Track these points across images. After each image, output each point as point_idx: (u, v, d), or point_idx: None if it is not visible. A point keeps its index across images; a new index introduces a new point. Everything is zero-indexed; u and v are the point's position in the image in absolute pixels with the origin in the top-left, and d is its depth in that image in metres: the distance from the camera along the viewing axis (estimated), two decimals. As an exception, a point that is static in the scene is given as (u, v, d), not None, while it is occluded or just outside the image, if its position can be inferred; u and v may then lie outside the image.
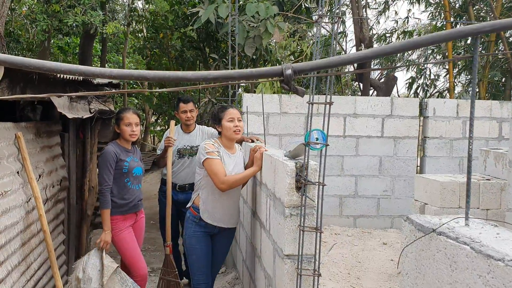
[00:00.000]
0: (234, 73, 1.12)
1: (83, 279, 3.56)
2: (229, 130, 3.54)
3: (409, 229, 1.23)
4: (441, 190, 4.24)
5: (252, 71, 1.13)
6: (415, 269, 1.20)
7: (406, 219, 1.27)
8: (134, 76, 1.12)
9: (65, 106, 3.67)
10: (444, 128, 6.45)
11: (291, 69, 1.10)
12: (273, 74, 1.13)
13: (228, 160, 3.54)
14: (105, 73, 1.13)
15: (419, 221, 1.20)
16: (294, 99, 6.23)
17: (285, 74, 1.10)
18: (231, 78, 1.12)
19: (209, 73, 1.12)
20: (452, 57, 8.38)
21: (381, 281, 4.63)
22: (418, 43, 1.12)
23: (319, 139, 2.63)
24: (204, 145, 3.51)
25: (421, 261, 1.17)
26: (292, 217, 2.72)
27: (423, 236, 1.15)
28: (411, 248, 1.22)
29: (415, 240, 1.19)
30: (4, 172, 2.85)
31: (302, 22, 8.49)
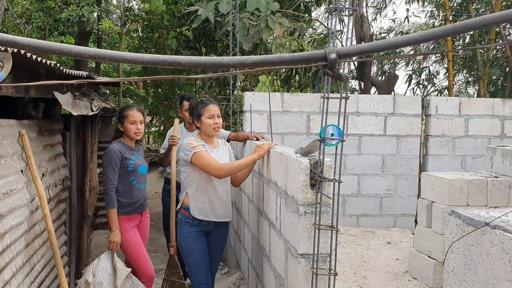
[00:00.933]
0: (274, 58, 1.05)
1: (93, 282, 3.47)
2: (209, 127, 3.53)
3: (456, 223, 1.17)
4: (449, 188, 4.19)
5: (294, 56, 1.06)
6: (463, 265, 1.14)
7: (452, 213, 1.21)
8: (168, 62, 1.05)
9: (69, 103, 3.58)
10: (446, 126, 6.42)
11: (335, 53, 1.03)
12: (316, 59, 1.06)
13: (211, 154, 3.50)
14: (137, 59, 1.05)
15: (468, 214, 1.14)
16: (296, 98, 6.17)
17: (329, 59, 1.03)
18: (271, 63, 1.05)
19: (247, 58, 1.05)
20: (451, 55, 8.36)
21: (388, 280, 4.58)
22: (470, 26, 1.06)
23: (335, 135, 2.56)
24: (188, 142, 3.48)
25: (471, 256, 1.11)
26: (307, 215, 2.65)
27: (474, 231, 1.09)
28: (458, 243, 1.16)
29: (464, 235, 1.13)
30: (8, 170, 2.77)
31: (301, 20, 8.44)
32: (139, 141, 4.13)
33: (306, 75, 8.16)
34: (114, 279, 3.60)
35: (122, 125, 3.85)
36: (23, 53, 2.17)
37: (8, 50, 1.96)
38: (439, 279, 4.31)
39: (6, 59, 2.07)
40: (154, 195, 9.92)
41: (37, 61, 2.45)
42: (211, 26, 7.82)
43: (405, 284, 4.44)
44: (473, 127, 6.43)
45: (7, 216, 2.67)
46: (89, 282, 3.53)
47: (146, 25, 11.84)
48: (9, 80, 2.69)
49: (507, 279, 0.98)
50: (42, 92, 3.26)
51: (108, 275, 3.59)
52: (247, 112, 5.89)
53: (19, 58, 2.31)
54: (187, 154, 3.44)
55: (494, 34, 8.54)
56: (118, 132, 3.91)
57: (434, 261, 4.30)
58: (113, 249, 3.71)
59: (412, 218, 6.36)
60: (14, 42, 1.00)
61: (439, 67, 11.44)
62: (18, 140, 3.00)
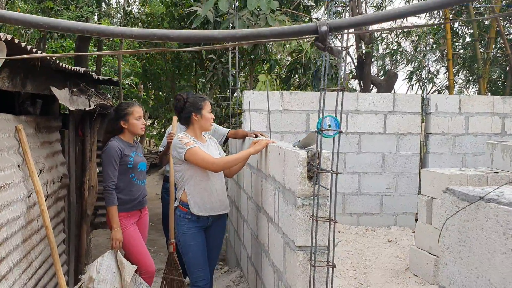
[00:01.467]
0: (265, 31, 1.03)
1: (98, 279, 3.44)
2: (208, 121, 3.61)
3: (450, 200, 1.15)
4: (449, 183, 4.17)
5: (284, 29, 1.05)
6: (458, 242, 1.12)
7: (446, 190, 1.19)
8: (157, 36, 1.03)
9: (66, 99, 3.57)
10: (446, 124, 6.40)
11: (326, 25, 1.02)
12: (307, 32, 1.05)
13: (203, 149, 3.51)
14: (125, 32, 1.04)
15: (463, 190, 1.12)
16: (295, 96, 6.16)
17: (320, 31, 1.02)
18: (262, 36, 1.04)
19: (237, 31, 1.04)
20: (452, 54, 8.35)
21: (388, 277, 4.55)
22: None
23: (332, 126, 2.55)
24: (179, 139, 3.47)
25: (466, 232, 1.09)
26: (304, 207, 2.63)
27: (468, 206, 1.07)
28: (453, 220, 1.14)
29: (458, 211, 1.11)
30: (5, 164, 2.76)
31: (300, 20, 8.45)
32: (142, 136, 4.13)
33: (306, 75, 8.16)
34: (118, 277, 3.57)
35: (126, 122, 3.83)
36: (17, 41, 2.16)
37: (1, 39, 1.95)
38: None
39: (0, 49, 2.07)
40: (155, 196, 9.91)
41: (32, 51, 2.44)
42: (210, 27, 7.82)
43: (406, 281, 4.41)
44: (473, 125, 6.41)
45: (3, 210, 2.66)
46: (93, 278, 3.50)
47: (146, 27, 11.86)
48: (4, 74, 2.69)
49: (502, 252, 0.97)
50: (39, 88, 3.25)
51: (112, 273, 3.57)
52: (246, 111, 5.88)
53: (14, 49, 2.30)
54: (179, 152, 3.43)
55: (495, 33, 8.53)
56: (117, 130, 3.89)
57: (435, 258, 4.27)
58: (116, 247, 3.69)
59: (412, 217, 6.33)
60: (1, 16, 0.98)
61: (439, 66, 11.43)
62: (14, 135, 2.99)
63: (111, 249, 3.71)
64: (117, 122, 3.84)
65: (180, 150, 3.42)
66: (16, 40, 2.10)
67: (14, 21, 1.00)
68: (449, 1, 1.03)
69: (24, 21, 0.99)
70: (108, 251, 3.69)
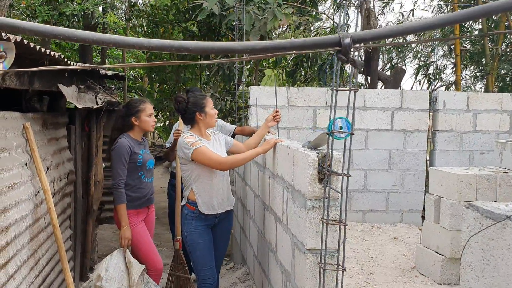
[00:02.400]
0: (286, 43, 1.00)
1: (106, 277, 3.43)
2: (213, 117, 3.60)
3: (473, 216, 1.12)
4: (457, 183, 4.14)
5: (306, 41, 1.01)
6: (481, 260, 1.09)
7: (469, 206, 1.16)
8: (175, 47, 1.00)
9: (73, 96, 3.55)
10: (454, 121, 6.35)
11: (349, 37, 0.98)
12: (329, 44, 1.01)
13: (209, 147, 3.49)
14: (143, 43, 1.01)
15: (487, 207, 1.09)
16: (302, 92, 6.11)
17: (343, 44, 0.99)
18: (282, 49, 1.01)
19: (257, 43, 1.00)
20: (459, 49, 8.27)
21: (395, 276, 4.53)
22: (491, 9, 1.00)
23: (343, 127, 2.51)
24: (185, 139, 3.44)
25: (491, 251, 1.06)
26: (314, 210, 2.60)
27: (494, 224, 1.04)
28: (476, 237, 1.11)
29: (482, 229, 1.08)
30: (12, 163, 2.73)
31: (306, 14, 8.38)
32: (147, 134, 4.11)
33: (312, 68, 8.10)
34: (126, 276, 3.57)
35: (137, 119, 3.80)
36: (27, 43, 2.13)
37: (11, 39, 1.92)
38: (447, 275, 4.26)
39: (9, 49, 2.03)
40: (159, 190, 9.91)
41: (41, 51, 2.41)
42: (216, 20, 7.76)
43: (412, 280, 4.40)
44: (481, 122, 6.35)
45: (11, 210, 2.64)
46: (101, 277, 3.50)
47: (151, 20, 11.79)
48: (12, 72, 2.66)
49: (530, 275, 0.94)
50: (46, 85, 3.22)
51: (120, 271, 3.56)
52: (252, 107, 5.84)
53: (23, 49, 2.27)
54: (186, 152, 3.40)
55: (504, 28, 8.44)
56: (127, 126, 3.85)
57: (442, 257, 4.25)
58: (125, 246, 3.68)
59: (418, 214, 6.31)
60: (14, 26, 0.95)
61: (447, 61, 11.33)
62: (22, 133, 2.97)
63: (119, 247, 3.70)
64: (128, 119, 3.80)
65: (186, 150, 3.40)
66: (25, 40, 2.08)
67: (28, 32, 0.97)
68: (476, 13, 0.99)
69: (38, 31, 0.96)
70: (117, 249, 3.68)
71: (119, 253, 3.63)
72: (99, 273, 3.47)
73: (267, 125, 3.83)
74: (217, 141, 3.70)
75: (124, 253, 3.63)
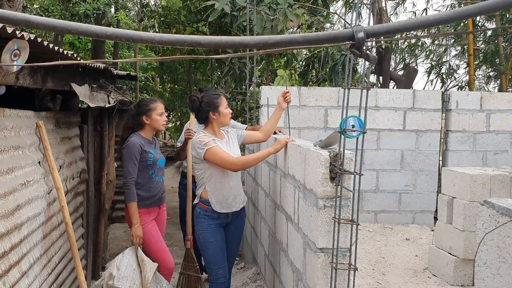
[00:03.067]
0: (299, 37, 0.99)
1: (118, 276, 3.45)
2: (227, 116, 3.59)
3: (489, 213, 1.11)
4: (471, 183, 4.09)
5: (319, 35, 1.01)
6: (497, 258, 1.07)
7: (485, 202, 1.14)
8: (187, 42, 1.00)
9: (86, 95, 3.57)
10: (467, 121, 6.28)
11: (363, 31, 0.97)
12: (342, 38, 1.01)
13: (222, 147, 3.49)
14: (154, 38, 1.01)
15: (503, 204, 1.08)
16: (314, 92, 6.09)
17: (357, 38, 0.98)
18: (295, 43, 1.00)
19: (270, 38, 1.00)
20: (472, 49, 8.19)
21: (407, 277, 4.50)
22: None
23: (356, 126, 2.50)
24: (198, 139, 3.45)
25: (506, 249, 1.04)
26: (326, 209, 2.59)
27: (510, 221, 1.02)
28: (492, 235, 1.09)
29: (498, 226, 1.06)
30: (26, 161, 2.76)
31: (318, 14, 8.35)
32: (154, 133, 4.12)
33: (323, 69, 8.07)
34: (138, 274, 3.58)
35: (148, 118, 3.82)
36: (40, 41, 2.14)
37: (24, 38, 1.94)
38: (460, 276, 4.22)
39: (23, 47, 2.05)
40: (171, 190, 9.94)
41: (54, 50, 2.43)
42: (227, 21, 7.77)
43: (425, 281, 4.35)
44: (494, 122, 6.28)
45: (24, 207, 2.67)
46: (113, 275, 3.51)
47: (163, 21, 11.85)
48: (26, 71, 2.69)
49: (548, 272, 0.92)
50: (59, 84, 3.25)
51: (132, 270, 3.57)
52: (264, 107, 5.83)
53: (36, 47, 2.29)
54: (199, 152, 3.41)
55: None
56: (138, 125, 3.87)
57: (455, 258, 4.21)
58: (136, 244, 3.69)
59: (431, 215, 6.26)
60: (27, 21, 0.96)
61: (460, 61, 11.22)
62: (35, 131, 3.00)
63: (131, 245, 3.71)
64: (139, 118, 3.82)
65: (199, 150, 3.41)
66: (38, 39, 2.09)
67: (42, 27, 0.97)
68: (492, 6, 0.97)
69: (51, 26, 0.97)
70: (129, 248, 3.69)
71: (131, 251, 3.65)
72: (111, 271, 3.48)
73: (281, 106, 3.77)
74: (230, 140, 3.70)
75: (136, 252, 3.64)
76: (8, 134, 2.53)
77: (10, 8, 6.00)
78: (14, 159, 2.59)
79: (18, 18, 0.96)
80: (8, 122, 2.56)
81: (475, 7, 0.97)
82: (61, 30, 0.98)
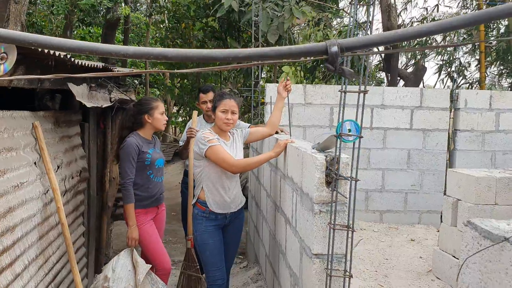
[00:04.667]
0: (269, 51, 0.95)
1: (113, 277, 3.45)
2: (220, 120, 3.50)
3: (472, 235, 1.05)
4: (476, 185, 4.00)
5: (291, 48, 0.96)
6: (479, 282, 1.02)
7: (468, 223, 1.09)
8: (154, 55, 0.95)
9: (84, 95, 3.55)
10: (476, 121, 6.16)
11: (337, 45, 0.92)
12: (315, 52, 0.96)
13: (225, 148, 3.45)
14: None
15: (485, 226, 1.02)
16: (319, 90, 6.02)
17: (330, 52, 0.93)
18: (266, 57, 0.96)
19: (241, 51, 0.95)
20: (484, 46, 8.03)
21: (410, 279, 4.43)
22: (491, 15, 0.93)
23: (352, 130, 2.44)
24: (203, 135, 3.42)
25: (488, 274, 0.99)
26: (322, 214, 2.54)
27: (492, 246, 0.97)
28: (474, 258, 1.04)
29: (479, 250, 1.01)
30: (20, 163, 2.74)
31: (327, 10, 8.25)
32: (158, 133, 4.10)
33: (331, 66, 7.97)
34: (133, 275, 3.57)
35: (151, 116, 3.80)
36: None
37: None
38: (464, 280, 4.15)
39: (11, 50, 2.02)
40: (177, 186, 9.93)
41: (44, 52, 2.40)
42: (235, 16, 7.72)
43: (428, 284, 4.29)
44: (504, 122, 6.16)
45: (17, 209, 2.66)
46: (108, 277, 3.51)
47: (172, 16, 11.83)
48: (21, 72, 2.66)
49: (527, 304, 0.87)
50: (56, 84, 3.23)
51: (127, 271, 3.56)
52: (268, 104, 5.78)
53: (27, 49, 2.26)
54: (201, 147, 3.38)
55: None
56: (138, 124, 3.85)
57: (459, 261, 4.13)
58: (132, 246, 3.68)
59: (438, 215, 6.16)
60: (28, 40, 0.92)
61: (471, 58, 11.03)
62: (31, 131, 2.98)
63: (127, 247, 3.70)
64: (140, 116, 3.80)
65: (202, 146, 3.38)
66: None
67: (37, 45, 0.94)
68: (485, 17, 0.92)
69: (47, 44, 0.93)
70: (124, 249, 3.69)
71: (126, 253, 3.64)
72: (106, 274, 3.48)
73: (281, 95, 3.75)
74: (235, 142, 3.65)
75: (131, 253, 3.63)
76: (1, 136, 2.52)
77: (16, 4, 6.00)
78: (6, 161, 2.57)
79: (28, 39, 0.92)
80: (0, 124, 2.54)
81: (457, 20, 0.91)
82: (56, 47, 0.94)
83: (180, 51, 0.97)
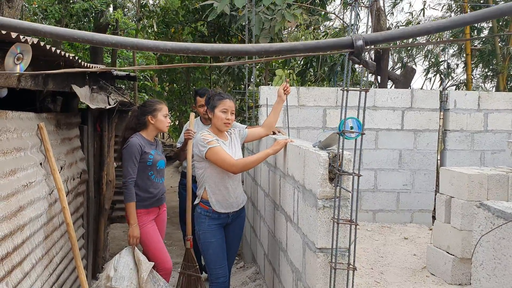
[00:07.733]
0: (298, 45, 1.02)
1: (115, 277, 3.47)
2: (220, 120, 3.54)
3: (485, 216, 1.13)
4: (468, 183, 4.13)
5: (319, 43, 1.03)
6: (492, 259, 1.10)
7: (480, 205, 1.17)
8: (191, 50, 1.03)
9: (87, 97, 3.59)
10: (465, 121, 6.32)
11: (362, 39, 1.00)
12: (342, 45, 1.03)
13: (225, 148, 3.51)
14: (159, 46, 1.03)
15: (498, 207, 1.10)
16: (312, 92, 6.12)
17: (356, 45, 1.01)
18: (296, 51, 1.03)
19: (271, 46, 1.03)
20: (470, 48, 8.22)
21: (405, 276, 4.53)
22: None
23: (354, 127, 2.53)
24: (202, 137, 3.47)
25: (502, 250, 1.07)
26: (325, 209, 2.62)
27: (505, 224, 1.05)
28: (488, 236, 1.12)
29: (493, 228, 1.09)
30: (28, 163, 2.78)
31: (316, 13, 8.38)
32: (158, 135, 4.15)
33: (322, 69, 8.10)
34: (135, 274, 3.60)
35: (154, 118, 3.85)
36: (43, 45, 2.17)
37: (28, 42, 1.96)
38: (458, 275, 4.26)
39: (26, 51, 2.08)
40: (170, 189, 9.96)
41: (56, 53, 2.45)
42: (226, 21, 7.80)
43: (423, 280, 4.39)
44: (492, 122, 6.32)
45: (26, 208, 2.69)
46: (110, 277, 3.54)
47: (162, 20, 11.86)
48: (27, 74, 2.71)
49: (541, 273, 0.95)
50: (60, 85, 3.27)
51: (129, 269, 3.59)
52: (263, 107, 5.86)
53: (39, 51, 2.31)
54: (201, 149, 3.43)
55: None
56: (141, 125, 3.89)
57: (453, 257, 4.24)
58: (133, 244, 3.72)
59: (429, 214, 6.30)
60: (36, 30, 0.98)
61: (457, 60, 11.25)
62: (36, 133, 3.02)
63: (128, 245, 3.74)
64: (144, 117, 3.85)
65: (202, 148, 3.43)
66: (41, 43, 2.12)
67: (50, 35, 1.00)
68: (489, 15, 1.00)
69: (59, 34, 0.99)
70: (126, 248, 3.72)
71: (128, 251, 3.67)
72: (108, 273, 3.51)
73: (281, 98, 3.83)
74: (233, 142, 3.72)
75: (133, 251, 3.67)
76: (11, 136, 2.56)
77: (10, 8, 6.01)
78: (16, 160, 2.61)
79: (25, 27, 0.99)
80: (10, 124, 2.58)
81: (472, 16, 1.00)
82: (68, 38, 1.00)
83: (215, 45, 1.05)
